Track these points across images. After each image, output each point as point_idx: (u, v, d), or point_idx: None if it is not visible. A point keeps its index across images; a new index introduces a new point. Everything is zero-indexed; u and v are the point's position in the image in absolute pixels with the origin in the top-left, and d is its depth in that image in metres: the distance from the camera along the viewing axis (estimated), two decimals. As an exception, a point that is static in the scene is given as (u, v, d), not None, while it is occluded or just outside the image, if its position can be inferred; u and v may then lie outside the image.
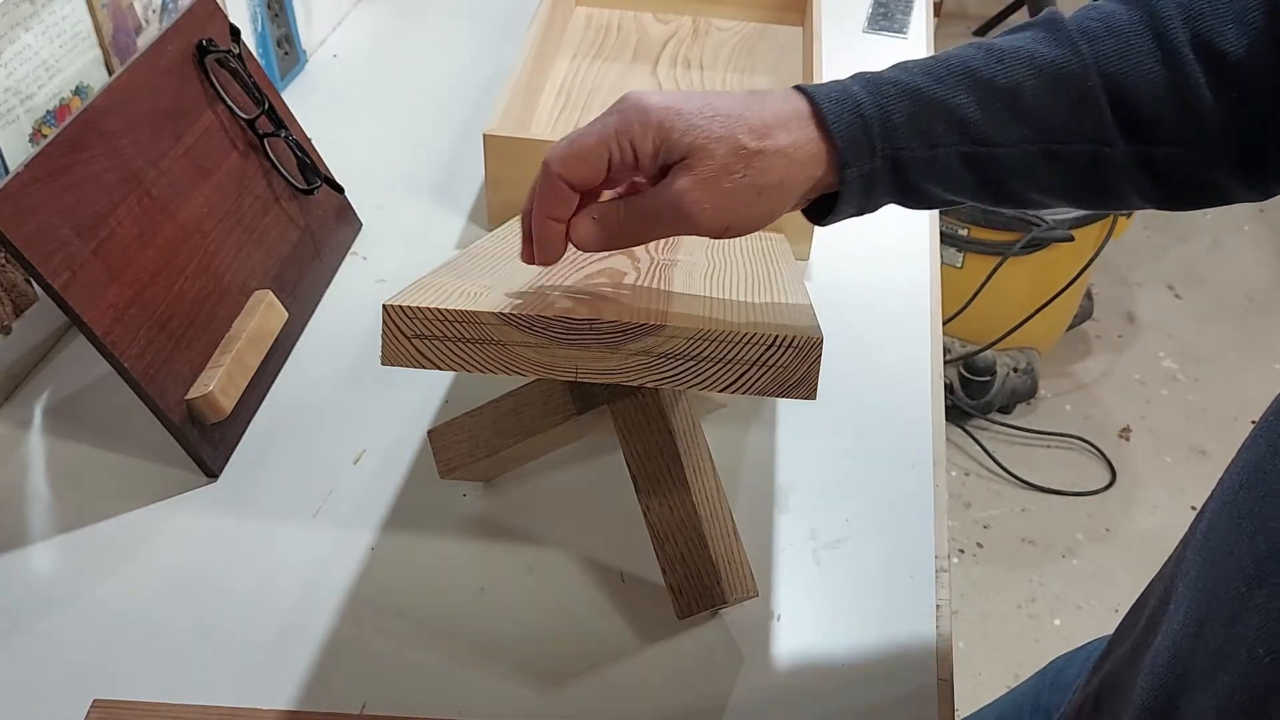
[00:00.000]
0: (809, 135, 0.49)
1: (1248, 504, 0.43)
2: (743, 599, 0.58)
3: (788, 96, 0.50)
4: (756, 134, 0.48)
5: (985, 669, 1.61)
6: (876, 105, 0.49)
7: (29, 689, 0.57)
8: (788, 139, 0.49)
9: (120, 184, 0.66)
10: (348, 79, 1.06)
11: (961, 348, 1.96)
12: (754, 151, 0.48)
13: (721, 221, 0.49)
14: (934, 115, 0.49)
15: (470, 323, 0.49)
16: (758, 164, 0.48)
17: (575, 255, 0.66)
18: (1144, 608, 0.55)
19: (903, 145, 0.49)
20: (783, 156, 0.49)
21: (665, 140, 0.48)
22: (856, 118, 0.49)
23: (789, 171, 0.49)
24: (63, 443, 0.70)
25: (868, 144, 0.49)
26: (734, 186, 0.48)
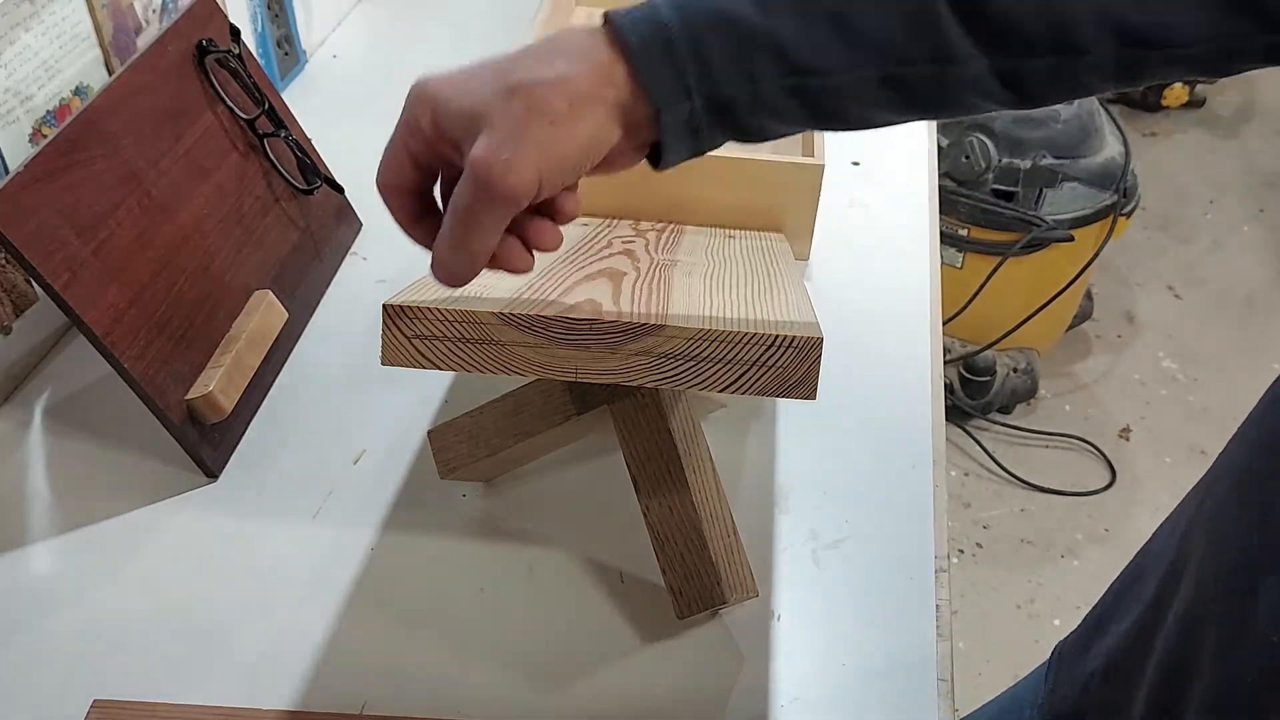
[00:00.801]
0: (599, 57, 0.45)
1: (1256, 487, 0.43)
2: (743, 599, 0.58)
3: (588, 29, 0.46)
4: (529, 67, 0.45)
5: (985, 669, 1.61)
6: (689, 40, 0.44)
7: (29, 689, 0.57)
8: (566, 66, 0.45)
9: (120, 184, 0.66)
10: (348, 79, 1.06)
11: (961, 348, 1.96)
12: (530, 83, 0.44)
13: (528, 173, 0.44)
14: (754, 46, 0.44)
15: (470, 323, 0.49)
16: (538, 93, 0.44)
17: (575, 255, 0.66)
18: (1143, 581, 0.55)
19: (721, 83, 0.45)
20: (565, 83, 0.44)
21: (442, 114, 0.45)
22: (665, 57, 0.44)
23: (578, 96, 0.44)
24: (63, 443, 0.70)
25: (681, 87, 0.45)
26: (516, 126, 0.44)
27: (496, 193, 0.44)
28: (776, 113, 0.46)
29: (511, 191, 0.44)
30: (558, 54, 0.45)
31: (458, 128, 0.45)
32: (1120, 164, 1.80)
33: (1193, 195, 2.64)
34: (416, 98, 0.46)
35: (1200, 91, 2.88)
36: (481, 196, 0.44)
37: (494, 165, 0.43)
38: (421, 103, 0.46)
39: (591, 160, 0.46)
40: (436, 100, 0.45)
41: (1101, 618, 0.61)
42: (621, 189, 0.83)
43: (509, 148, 0.44)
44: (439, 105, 0.45)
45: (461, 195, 0.45)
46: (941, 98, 0.46)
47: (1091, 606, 0.63)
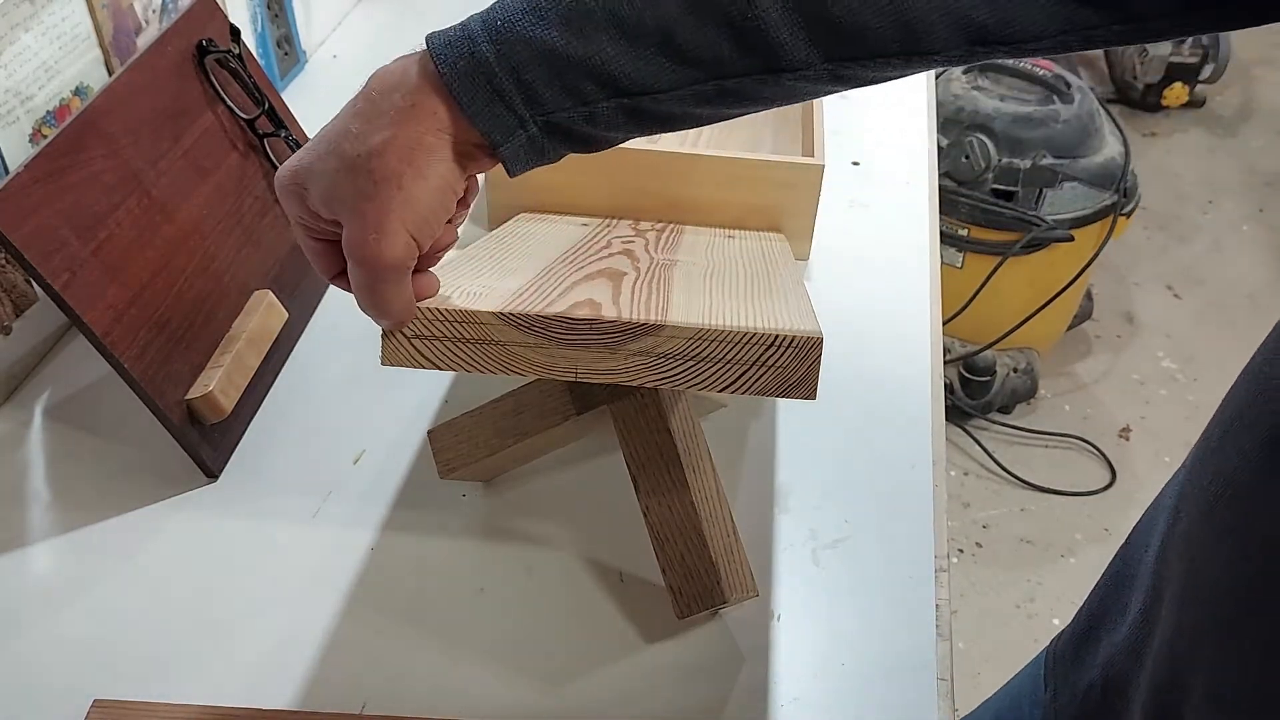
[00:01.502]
0: (424, 103, 0.44)
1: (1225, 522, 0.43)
2: (743, 599, 0.58)
3: (404, 68, 0.45)
4: (358, 136, 0.45)
5: (985, 669, 1.61)
6: (511, 74, 0.44)
7: (29, 689, 0.57)
8: (394, 125, 0.44)
9: (120, 184, 0.66)
10: (348, 79, 1.06)
11: (961, 348, 1.96)
12: (364, 155, 0.44)
13: (400, 243, 0.45)
14: (579, 74, 0.44)
15: (470, 323, 0.49)
16: (375, 164, 0.44)
17: (575, 255, 0.66)
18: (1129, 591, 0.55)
19: (552, 109, 0.45)
20: (397, 143, 0.44)
21: (309, 205, 0.46)
22: (492, 97, 0.44)
23: (414, 152, 0.45)
24: (63, 443, 0.70)
25: (514, 118, 0.45)
26: (369, 203, 0.44)
27: (380, 268, 0.45)
28: (616, 125, 0.46)
29: (392, 263, 0.45)
30: (380, 112, 0.45)
31: (326, 213, 0.46)
32: (1120, 164, 1.80)
33: (1192, 195, 2.64)
34: (281, 193, 0.47)
35: (1200, 91, 2.88)
36: (370, 274, 0.46)
37: (366, 247, 0.45)
38: (288, 197, 0.47)
39: (452, 200, 0.47)
40: (298, 193, 0.46)
41: (1091, 623, 0.60)
42: (621, 189, 0.83)
43: (371, 224, 0.44)
44: (302, 197, 0.46)
45: (355, 277, 0.46)
46: (780, 94, 0.46)
47: (1080, 606, 0.63)
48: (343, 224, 0.45)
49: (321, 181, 0.45)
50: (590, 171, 0.82)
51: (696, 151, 0.82)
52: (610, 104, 0.45)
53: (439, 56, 0.44)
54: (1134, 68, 2.82)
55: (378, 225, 0.44)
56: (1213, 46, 2.69)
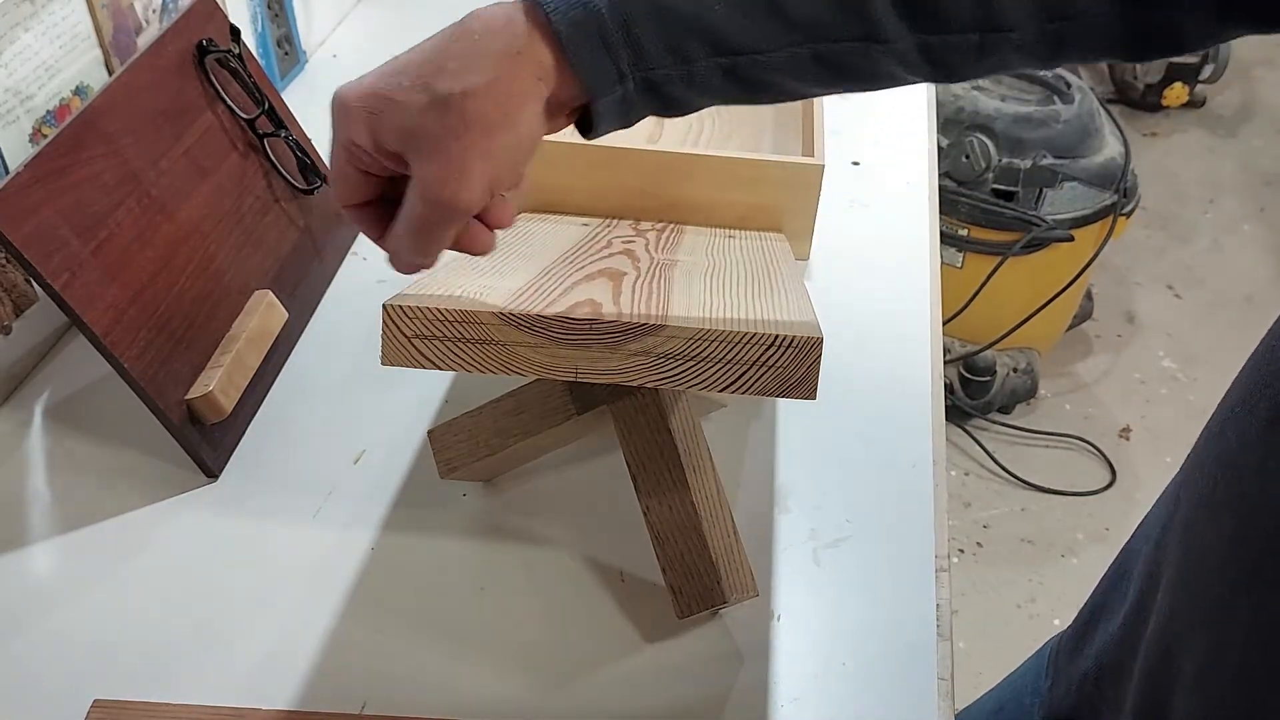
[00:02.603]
0: (527, 49, 0.44)
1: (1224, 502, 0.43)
2: (743, 599, 0.58)
3: (507, 10, 0.44)
4: (455, 74, 0.43)
5: (985, 669, 1.61)
6: (622, 27, 0.44)
7: (29, 689, 0.57)
8: (494, 67, 0.43)
9: (120, 184, 0.66)
10: (348, 79, 1.05)
11: (961, 348, 1.96)
12: (460, 94, 0.43)
13: (478, 188, 0.44)
14: (687, 31, 0.44)
15: (470, 323, 0.49)
16: (471, 105, 0.43)
17: (575, 255, 0.66)
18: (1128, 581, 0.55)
19: (654, 66, 0.44)
20: (496, 87, 0.43)
21: (378, 132, 0.44)
22: (600, 48, 0.44)
23: (512, 98, 0.44)
24: (63, 443, 0.70)
25: (616, 72, 0.44)
26: (456, 143, 0.43)
27: (450, 210, 0.44)
28: (708, 89, 0.46)
29: (465, 207, 0.44)
30: (481, 53, 0.44)
31: (397, 145, 0.44)
32: (1120, 164, 1.80)
33: (1192, 195, 2.64)
34: (344, 115, 0.46)
35: (1200, 91, 2.88)
36: (436, 214, 0.45)
37: (444, 186, 0.44)
38: (352, 121, 0.45)
39: (533, 151, 0.46)
40: (368, 119, 0.45)
41: (1092, 616, 0.61)
42: (622, 189, 0.83)
43: (454, 166, 0.44)
44: (373, 124, 0.45)
45: (415, 210, 0.45)
46: (869, 71, 0.46)
47: (1084, 602, 0.63)
48: (416, 162, 0.44)
49: (404, 114, 0.44)
50: (591, 171, 0.82)
51: (696, 151, 0.82)
52: (710, 63, 0.45)
53: (550, 5, 0.43)
54: (1134, 68, 2.82)
55: (461, 167, 0.43)
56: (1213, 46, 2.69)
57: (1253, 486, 0.41)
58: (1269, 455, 0.40)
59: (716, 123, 0.96)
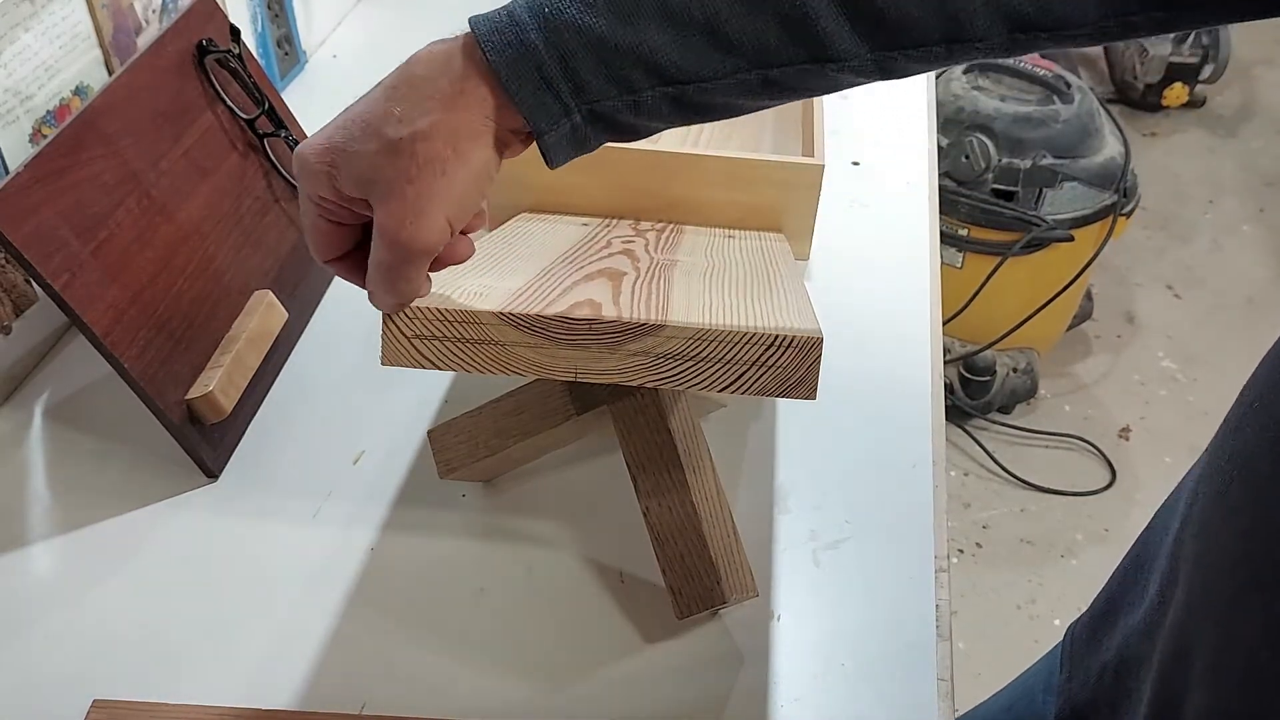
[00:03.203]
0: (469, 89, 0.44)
1: (1239, 499, 0.43)
2: (743, 599, 0.58)
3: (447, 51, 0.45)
4: (403, 118, 0.44)
5: (985, 669, 1.61)
6: (559, 62, 0.44)
7: (29, 689, 0.57)
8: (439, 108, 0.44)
9: (120, 184, 0.66)
10: (348, 79, 1.06)
11: (961, 348, 1.96)
12: (409, 138, 0.44)
13: (436, 227, 0.45)
14: (626, 63, 0.44)
15: (470, 323, 0.49)
16: (420, 147, 0.44)
17: (576, 255, 0.66)
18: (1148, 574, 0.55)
19: (598, 98, 0.45)
20: (443, 127, 0.44)
21: (339, 182, 0.45)
22: (539, 84, 0.44)
23: (459, 136, 0.44)
24: (63, 443, 0.70)
25: (560, 106, 0.45)
26: (411, 186, 0.44)
27: (410, 251, 0.45)
28: (659, 115, 0.46)
29: (424, 247, 0.45)
30: (425, 95, 0.44)
31: (357, 192, 0.45)
32: (1120, 164, 1.80)
33: (1192, 195, 2.64)
34: (305, 172, 0.46)
35: (1200, 91, 2.88)
36: (398, 255, 0.45)
37: (404, 230, 0.44)
38: (313, 176, 0.46)
39: (488, 185, 0.47)
40: (327, 172, 0.45)
41: (1109, 606, 0.60)
42: (621, 189, 0.83)
43: (410, 208, 0.44)
44: (332, 177, 0.45)
45: (379, 254, 0.46)
46: (824, 87, 0.46)
47: (1100, 590, 0.63)
48: (376, 206, 0.45)
49: (358, 162, 0.44)
50: (590, 171, 0.82)
51: (696, 151, 0.82)
52: (655, 93, 0.45)
53: (486, 43, 0.44)
54: (1134, 68, 2.82)
55: (417, 208, 0.44)
56: (1213, 46, 2.69)
57: (1268, 485, 0.41)
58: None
59: (716, 123, 0.96)
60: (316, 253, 0.49)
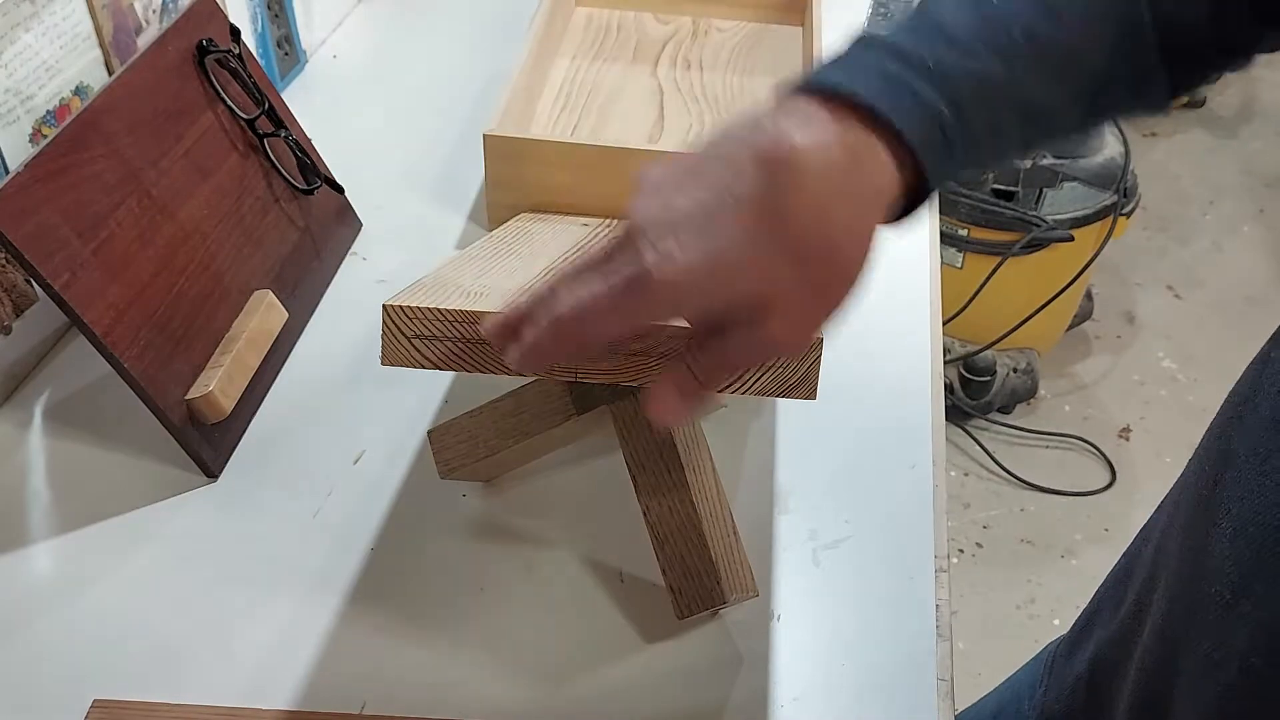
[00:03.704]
0: (883, 178, 0.39)
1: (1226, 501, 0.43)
2: (743, 599, 0.58)
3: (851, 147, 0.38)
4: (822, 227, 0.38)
5: (985, 669, 1.61)
6: (957, 118, 0.40)
7: (29, 689, 0.57)
8: (861, 213, 0.38)
9: (120, 184, 0.66)
10: (348, 79, 1.06)
11: (961, 348, 1.96)
12: (826, 250, 0.38)
13: (816, 332, 0.41)
14: (1005, 105, 0.41)
15: (470, 323, 0.49)
16: (839, 262, 0.39)
17: (574, 255, 0.66)
18: (1125, 584, 0.55)
19: (979, 148, 0.42)
20: (864, 237, 0.39)
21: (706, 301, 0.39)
22: (945, 149, 0.40)
23: (872, 242, 0.40)
24: (63, 443, 0.70)
25: (951, 163, 0.41)
26: (818, 303, 0.39)
27: (785, 355, 0.43)
28: (994, 164, 0.45)
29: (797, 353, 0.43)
30: (832, 194, 0.38)
31: (721, 305, 0.38)
32: (1120, 164, 1.80)
33: (1192, 195, 2.64)
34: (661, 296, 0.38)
35: (1200, 92, 2.88)
36: (769, 356, 0.43)
37: (793, 336, 0.40)
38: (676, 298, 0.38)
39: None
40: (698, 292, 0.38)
41: (1088, 621, 0.61)
42: (622, 189, 0.83)
43: (811, 316, 0.39)
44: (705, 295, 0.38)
45: (741, 354, 0.40)
46: (1113, 115, 0.47)
47: (1084, 607, 0.63)
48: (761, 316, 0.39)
49: (749, 276, 0.38)
50: (591, 171, 0.82)
51: (697, 151, 0.82)
52: (1016, 137, 0.43)
53: (899, 125, 0.39)
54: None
55: (816, 317, 0.39)
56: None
57: (1254, 485, 0.41)
58: (1271, 454, 0.40)
59: (716, 123, 0.96)
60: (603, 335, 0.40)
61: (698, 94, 1.00)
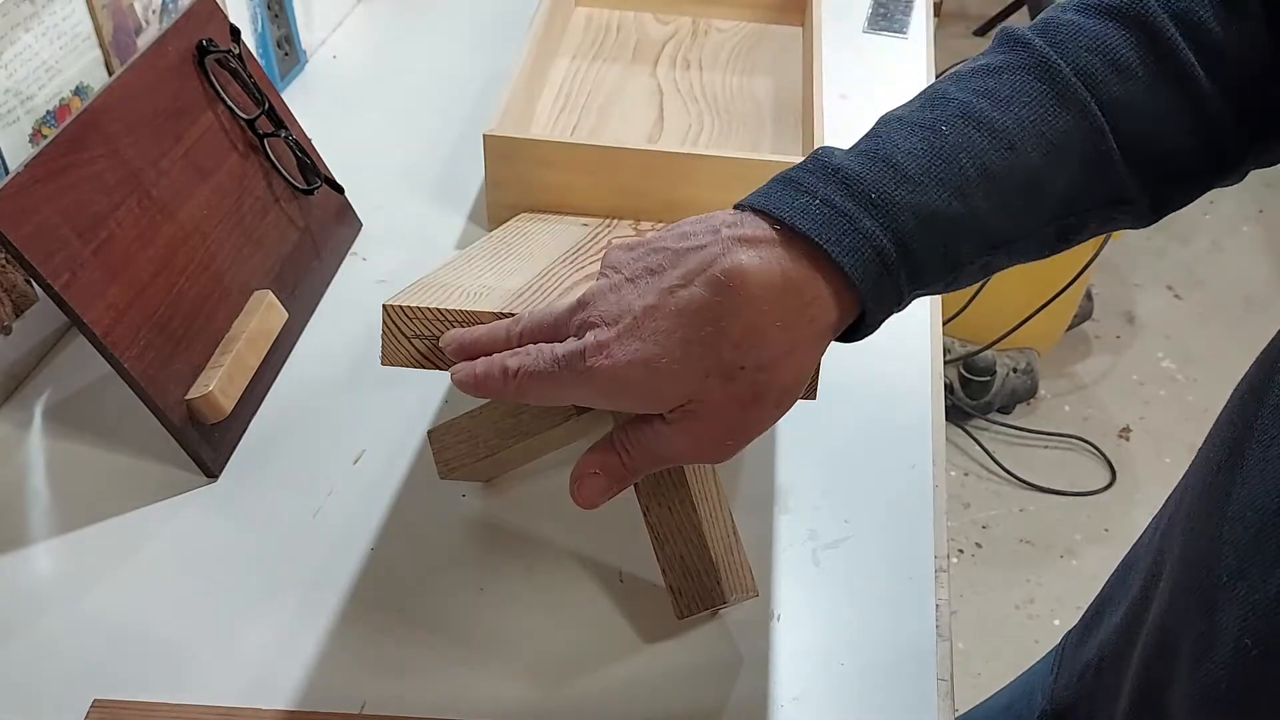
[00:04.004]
0: (818, 310, 0.41)
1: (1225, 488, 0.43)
2: (742, 599, 0.58)
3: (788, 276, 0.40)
4: (751, 346, 0.40)
5: (985, 669, 1.61)
6: (901, 252, 0.41)
7: (29, 689, 0.57)
8: (789, 338, 0.40)
9: (120, 184, 0.66)
10: (348, 79, 1.06)
11: (961, 348, 1.96)
12: (755, 368, 0.40)
13: (742, 444, 0.43)
14: (958, 237, 0.43)
15: (470, 323, 0.49)
16: (765, 381, 0.40)
17: (576, 255, 0.66)
18: (1133, 573, 0.56)
19: (928, 282, 0.43)
20: (793, 359, 0.41)
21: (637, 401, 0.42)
22: (886, 280, 0.41)
23: (807, 368, 0.42)
24: (63, 443, 0.70)
25: (895, 294, 0.42)
26: (740, 416, 0.41)
27: (708, 462, 0.44)
28: (957, 284, 0.45)
29: (722, 459, 0.43)
30: (771, 321, 0.40)
31: (661, 407, 0.42)
32: (1120, 164, 1.80)
33: (1192, 195, 2.64)
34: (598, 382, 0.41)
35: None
36: (669, 463, 0.44)
37: (711, 454, 0.42)
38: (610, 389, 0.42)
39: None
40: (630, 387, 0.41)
41: (1099, 609, 0.61)
42: (621, 189, 0.83)
43: (732, 433, 0.42)
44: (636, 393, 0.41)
45: (655, 451, 0.43)
46: (1096, 231, 0.47)
47: (1094, 597, 0.63)
48: (679, 422, 0.42)
49: (673, 380, 0.41)
50: (591, 171, 0.82)
51: (696, 151, 0.82)
52: (976, 264, 0.44)
53: (841, 261, 0.40)
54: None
55: (739, 434, 0.42)
56: None
57: (1258, 471, 0.41)
58: (1275, 439, 0.40)
59: (716, 123, 0.96)
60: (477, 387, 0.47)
61: (697, 94, 1.00)
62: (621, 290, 0.43)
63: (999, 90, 0.44)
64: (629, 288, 0.42)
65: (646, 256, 0.43)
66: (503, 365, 0.45)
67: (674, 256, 0.42)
